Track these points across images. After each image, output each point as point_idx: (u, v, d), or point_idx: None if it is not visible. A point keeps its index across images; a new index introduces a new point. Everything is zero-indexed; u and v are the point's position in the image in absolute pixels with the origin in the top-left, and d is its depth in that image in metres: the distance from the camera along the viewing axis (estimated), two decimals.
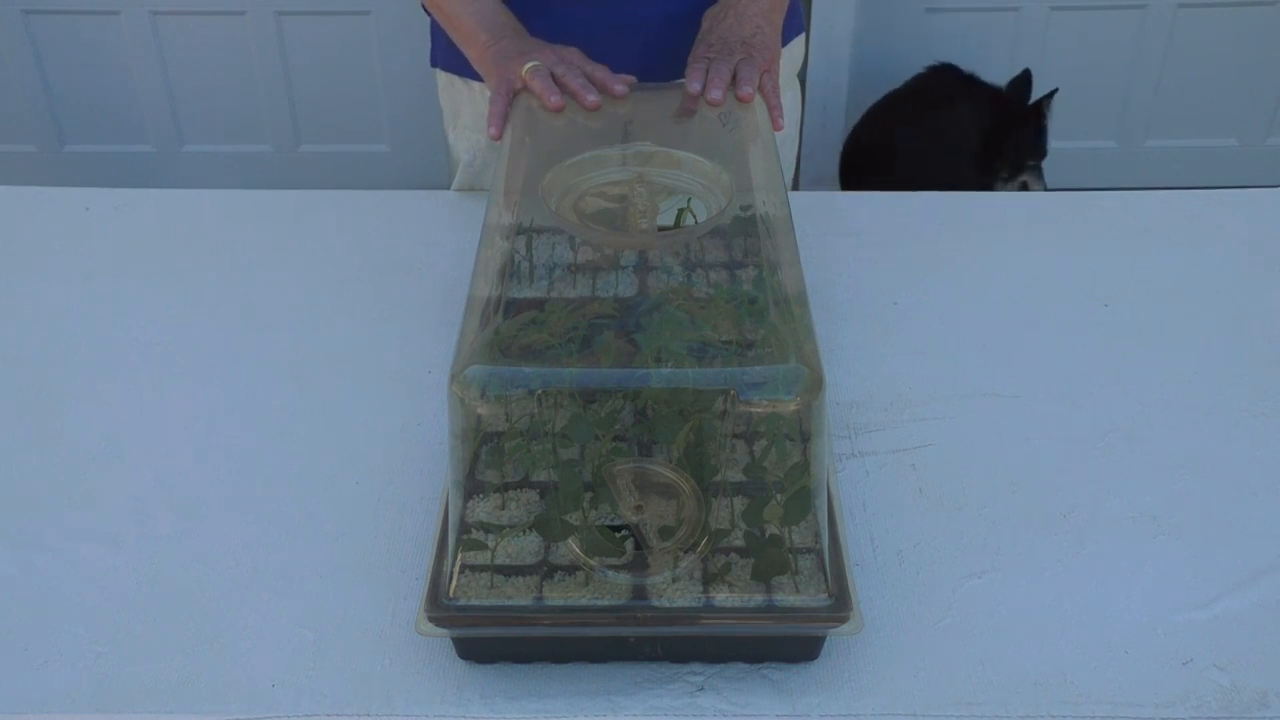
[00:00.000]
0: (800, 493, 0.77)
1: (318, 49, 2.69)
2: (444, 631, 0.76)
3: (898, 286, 1.16)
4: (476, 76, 1.28)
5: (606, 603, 0.75)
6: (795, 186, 2.65)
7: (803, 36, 1.37)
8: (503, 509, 0.80)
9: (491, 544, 0.77)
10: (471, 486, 0.80)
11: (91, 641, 0.81)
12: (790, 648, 0.78)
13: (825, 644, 0.79)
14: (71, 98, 2.75)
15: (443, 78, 1.34)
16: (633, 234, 0.92)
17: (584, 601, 0.75)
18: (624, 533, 0.78)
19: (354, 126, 2.79)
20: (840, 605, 0.75)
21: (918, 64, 2.49)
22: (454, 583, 0.76)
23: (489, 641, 0.77)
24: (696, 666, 0.78)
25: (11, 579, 0.86)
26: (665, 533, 0.78)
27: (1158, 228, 1.27)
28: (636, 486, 0.80)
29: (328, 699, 0.77)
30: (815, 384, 0.73)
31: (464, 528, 0.78)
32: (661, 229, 0.93)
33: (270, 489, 0.93)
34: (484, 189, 1.35)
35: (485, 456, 0.80)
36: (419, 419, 1.00)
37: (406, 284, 1.17)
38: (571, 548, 0.77)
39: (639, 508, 0.78)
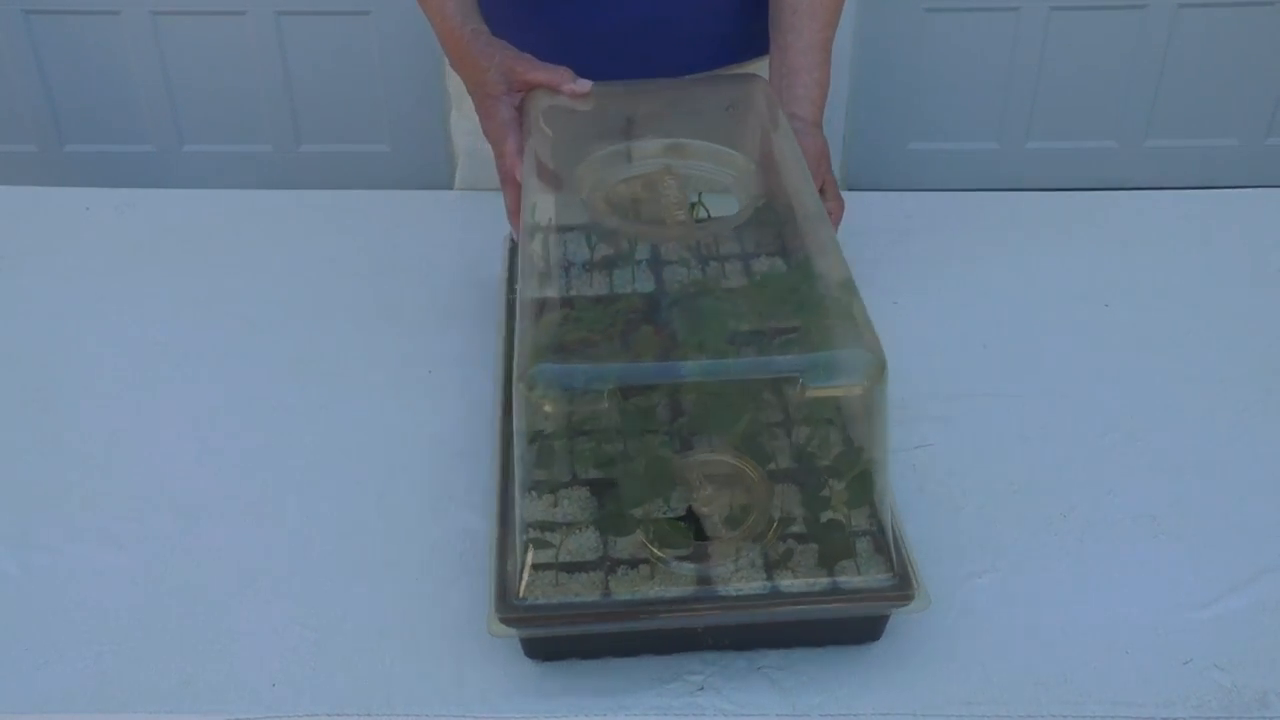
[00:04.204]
0: (863, 476, 0.78)
1: (318, 49, 2.69)
2: (515, 632, 0.76)
3: (898, 286, 1.16)
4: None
5: (677, 593, 0.76)
6: None
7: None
8: (555, 506, 0.80)
9: (556, 542, 0.77)
10: (528, 485, 0.80)
11: (91, 641, 0.81)
12: (855, 629, 0.79)
13: (887, 624, 0.80)
14: (71, 98, 2.75)
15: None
16: (673, 226, 0.92)
17: (656, 594, 0.76)
18: (686, 524, 0.78)
19: (354, 126, 2.79)
20: (904, 584, 0.77)
21: (918, 64, 2.48)
22: (524, 582, 0.76)
23: (558, 640, 0.78)
24: (695, 665, 0.79)
25: (12, 579, 0.86)
26: (732, 521, 0.78)
27: (1158, 228, 1.27)
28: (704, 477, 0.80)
29: (328, 699, 0.77)
30: (880, 368, 0.74)
31: (525, 527, 0.78)
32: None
33: (270, 489, 0.93)
34: (486, 188, 1.35)
35: (539, 455, 0.80)
36: (419, 419, 1.00)
37: (406, 284, 1.17)
38: (629, 542, 0.78)
39: (710, 498, 0.79)
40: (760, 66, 1.29)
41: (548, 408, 0.76)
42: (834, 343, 0.78)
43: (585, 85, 1.03)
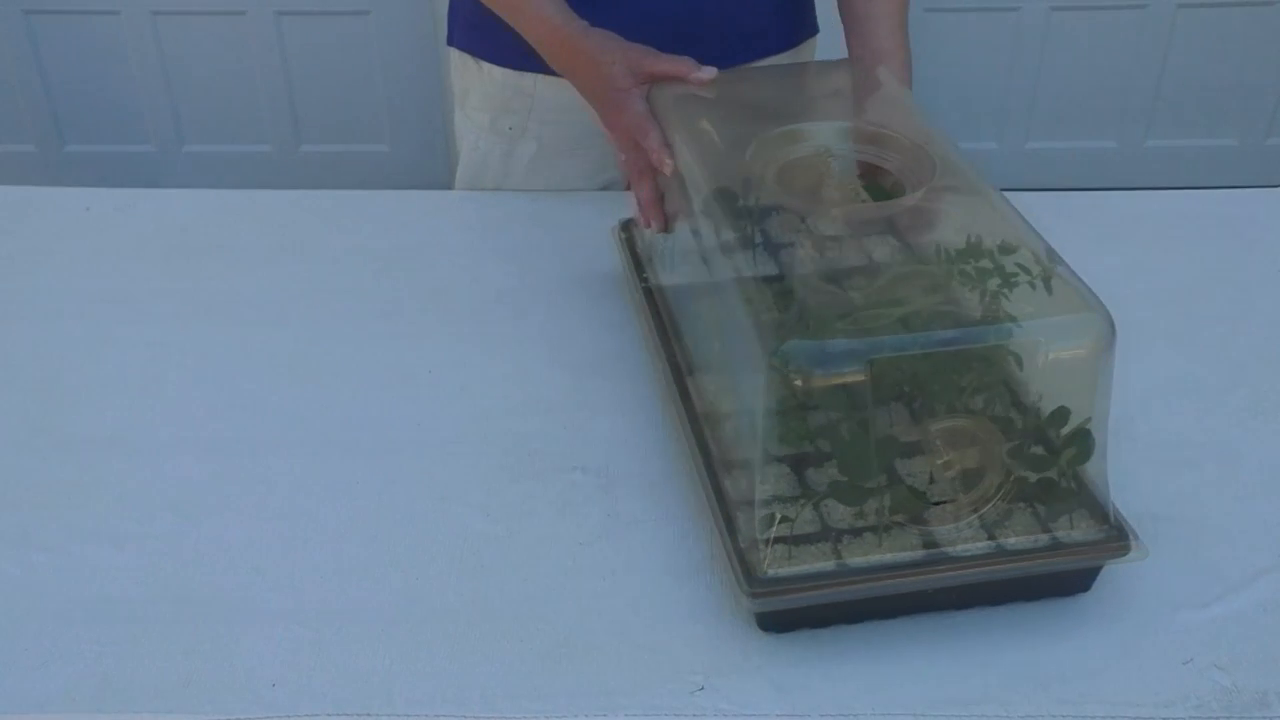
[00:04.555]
0: (1085, 435, 0.80)
1: (318, 49, 2.69)
2: (762, 606, 0.78)
3: None
4: (490, 58, 1.27)
5: (910, 558, 0.78)
6: None
7: (815, 39, 1.37)
8: (792, 480, 0.82)
9: (793, 515, 0.80)
10: (768, 460, 0.82)
11: (91, 641, 0.81)
12: (1070, 582, 0.83)
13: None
14: (71, 98, 2.75)
15: (456, 57, 1.33)
16: (859, 205, 0.94)
17: (895, 558, 0.78)
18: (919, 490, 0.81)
19: (354, 126, 2.79)
20: (1121, 536, 0.80)
21: (918, 64, 2.48)
22: (767, 556, 0.78)
23: (795, 612, 0.80)
24: (695, 665, 0.79)
25: (12, 579, 0.86)
26: (963, 484, 0.81)
27: (1158, 228, 1.27)
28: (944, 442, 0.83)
29: (328, 699, 0.77)
30: (1111, 331, 0.79)
31: (766, 502, 0.81)
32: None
33: (270, 489, 0.93)
34: (487, 188, 1.35)
35: (785, 430, 0.82)
36: (419, 419, 1.00)
37: (406, 284, 1.17)
38: (848, 511, 0.80)
39: (948, 463, 0.81)
40: (789, 57, 1.30)
41: (798, 382, 0.77)
42: (1067, 308, 0.81)
43: (710, 73, 1.02)
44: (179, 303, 1.14)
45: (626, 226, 1.15)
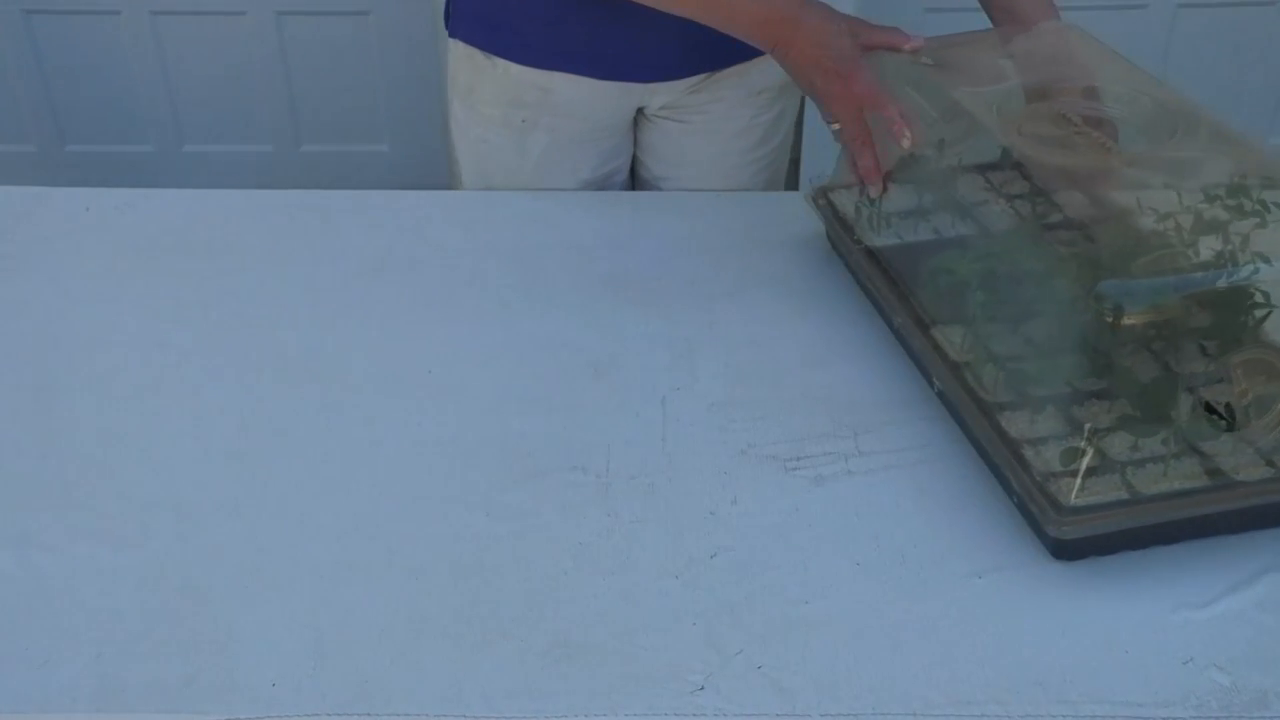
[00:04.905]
0: None
1: (318, 49, 2.69)
2: (1069, 534, 0.83)
3: None
4: (504, 54, 1.27)
5: (1200, 484, 0.84)
6: (795, 187, 2.65)
7: None
8: (1084, 414, 0.88)
9: (1093, 448, 0.86)
10: (1077, 398, 0.89)
11: (91, 641, 0.81)
12: None
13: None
14: (71, 98, 2.75)
15: (460, 50, 1.31)
16: (1115, 157, 0.99)
17: (1185, 485, 0.84)
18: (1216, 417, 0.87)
19: (354, 126, 2.79)
20: None
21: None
22: (1071, 487, 0.84)
23: (1092, 539, 0.85)
24: (695, 665, 0.79)
25: (12, 579, 0.86)
26: (1258, 410, 0.86)
27: None
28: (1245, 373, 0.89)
29: (328, 699, 0.77)
30: None
31: (1068, 435, 0.87)
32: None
33: (270, 489, 0.93)
34: (496, 180, 1.35)
35: (1099, 366, 0.89)
36: (419, 419, 1.00)
37: (407, 284, 1.17)
38: (1124, 444, 0.86)
39: (1243, 392, 0.87)
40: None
41: (1112, 320, 0.85)
42: None
43: (920, 40, 1.08)
44: (179, 303, 1.14)
45: (823, 193, 1.19)
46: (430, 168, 2.73)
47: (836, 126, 1.09)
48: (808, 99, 1.16)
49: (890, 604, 0.83)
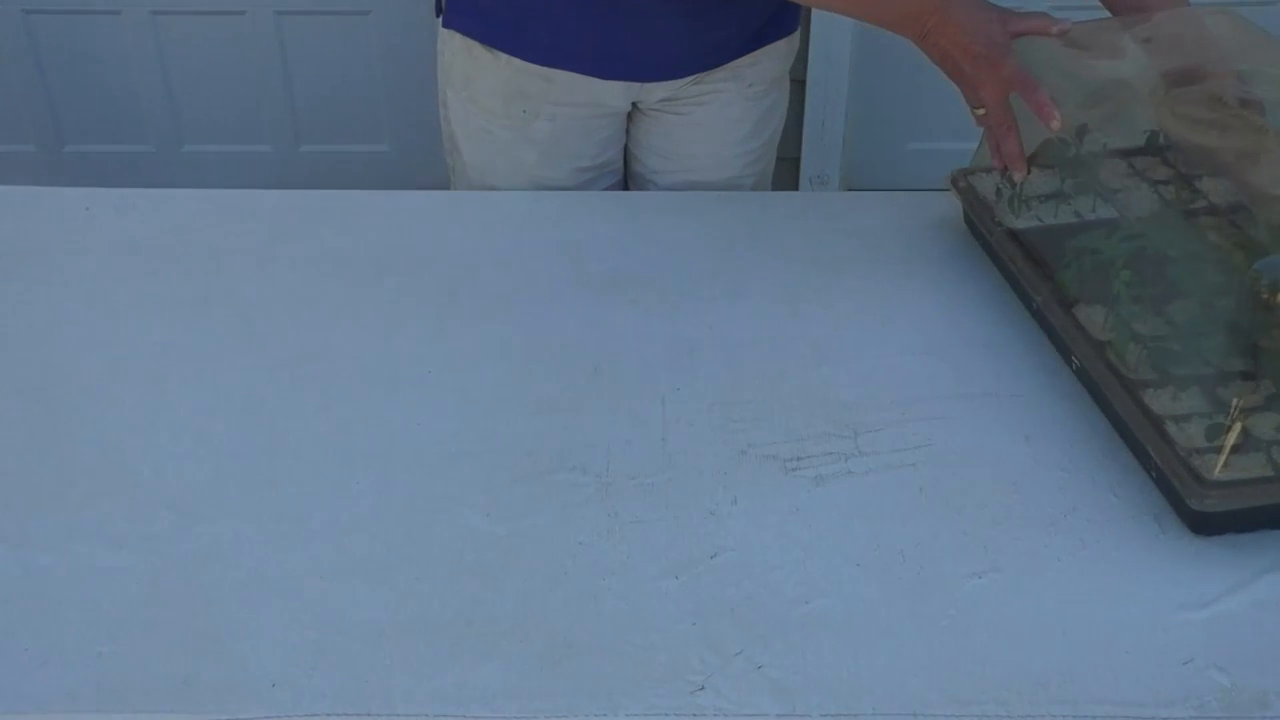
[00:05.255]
0: None
1: (318, 49, 2.69)
2: (1213, 507, 0.85)
3: (897, 286, 1.16)
4: (500, 45, 1.27)
5: None
6: (795, 186, 2.65)
7: (796, 34, 1.38)
8: (1234, 391, 0.91)
9: (1240, 425, 0.88)
10: (1223, 374, 0.92)
11: (91, 641, 0.81)
12: None
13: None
14: (71, 98, 2.74)
15: (456, 40, 1.31)
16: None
17: None
18: None
19: (354, 126, 2.79)
20: None
21: (918, 64, 2.48)
22: (1217, 462, 0.86)
23: (1234, 514, 0.87)
24: (695, 665, 0.79)
25: (12, 579, 0.86)
26: None
27: None
28: None
29: (328, 699, 0.77)
30: None
31: (1213, 413, 0.89)
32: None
33: (270, 489, 0.93)
34: (499, 170, 1.35)
35: (1241, 343, 0.93)
36: (419, 419, 1.00)
37: (406, 284, 1.17)
38: (1269, 423, 0.88)
39: None
40: (784, 45, 1.31)
41: (1268, 296, 0.89)
42: None
43: (1067, 25, 1.09)
44: (179, 303, 1.14)
45: (963, 176, 1.21)
46: (430, 168, 2.72)
47: (981, 111, 1.11)
48: (808, 98, 1.16)
49: (890, 604, 0.83)
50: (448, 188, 1.39)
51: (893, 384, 1.04)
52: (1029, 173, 1.11)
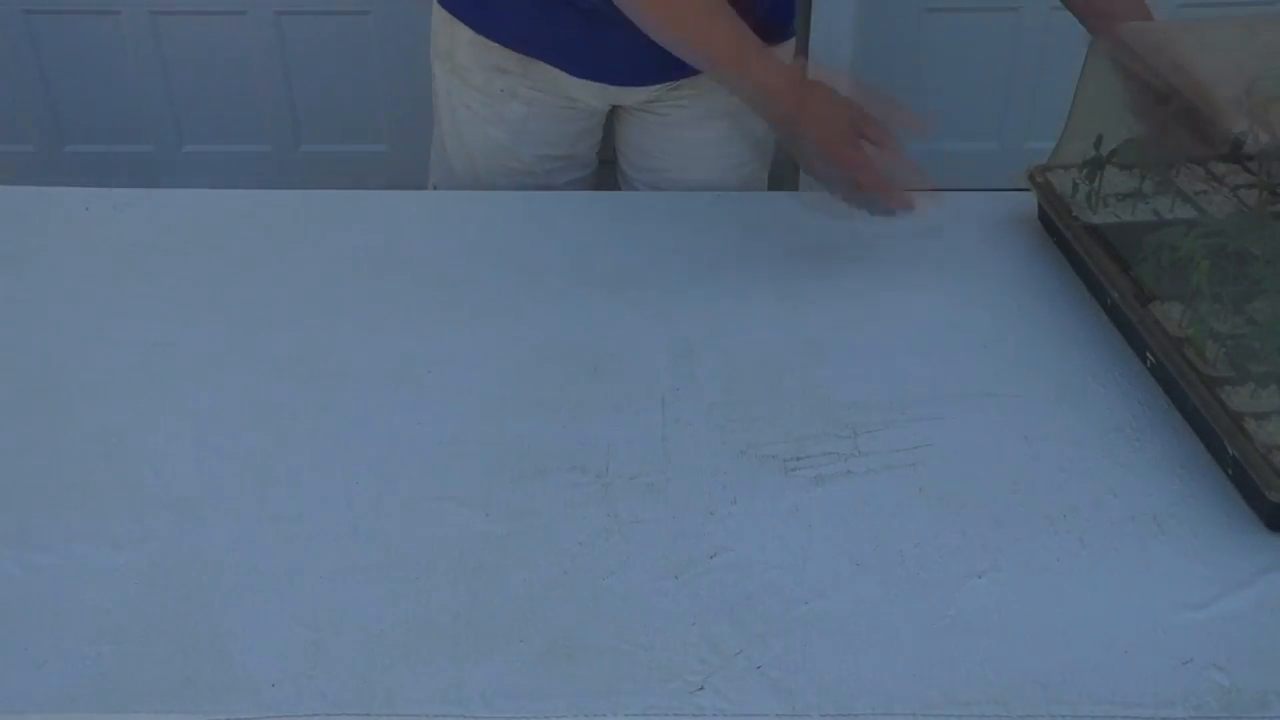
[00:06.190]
0: None
1: (318, 49, 2.69)
2: None
3: (897, 286, 1.16)
4: (484, 30, 1.29)
5: None
6: (795, 187, 2.65)
7: (790, 42, 1.38)
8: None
9: None
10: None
11: (91, 641, 0.81)
12: None
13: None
14: (71, 98, 2.75)
15: (442, 14, 1.34)
16: None
17: None
18: None
19: (354, 126, 2.79)
20: None
21: (918, 64, 2.49)
22: None
23: None
24: (695, 665, 0.79)
25: (12, 579, 0.86)
26: None
27: None
28: None
29: (328, 699, 0.77)
30: None
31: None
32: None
33: (270, 489, 0.93)
34: (474, 147, 1.36)
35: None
36: (419, 419, 1.00)
37: (406, 284, 1.17)
38: None
39: None
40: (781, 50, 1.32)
41: None
42: None
43: (920, 120, 1.14)
44: (179, 303, 1.14)
45: (1041, 171, 1.23)
46: (430, 168, 2.73)
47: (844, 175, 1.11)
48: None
49: (890, 604, 0.83)
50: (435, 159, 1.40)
51: (892, 384, 1.04)
52: (913, 205, 1.09)
